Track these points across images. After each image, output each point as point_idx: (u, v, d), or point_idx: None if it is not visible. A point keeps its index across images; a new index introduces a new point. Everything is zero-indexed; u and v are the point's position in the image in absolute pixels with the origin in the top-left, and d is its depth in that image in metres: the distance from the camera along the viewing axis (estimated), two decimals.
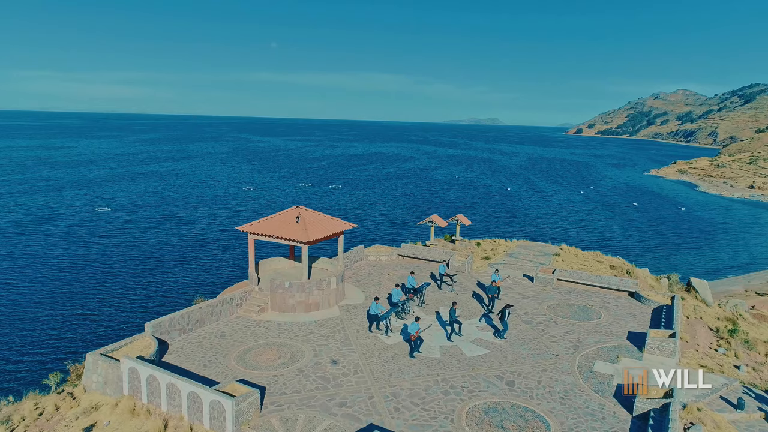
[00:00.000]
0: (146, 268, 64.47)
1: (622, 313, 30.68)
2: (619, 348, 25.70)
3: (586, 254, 53.56)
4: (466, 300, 32.44)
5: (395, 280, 35.75)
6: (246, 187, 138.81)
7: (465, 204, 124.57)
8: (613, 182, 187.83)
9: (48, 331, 45.74)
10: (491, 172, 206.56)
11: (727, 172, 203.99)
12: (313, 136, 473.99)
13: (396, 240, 75.41)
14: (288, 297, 29.07)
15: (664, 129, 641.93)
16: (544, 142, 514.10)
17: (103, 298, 53.98)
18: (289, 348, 24.85)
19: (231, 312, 28.58)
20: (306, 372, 22.50)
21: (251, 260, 30.38)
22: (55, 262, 64.99)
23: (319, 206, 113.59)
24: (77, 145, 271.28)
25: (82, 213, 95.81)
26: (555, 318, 29.69)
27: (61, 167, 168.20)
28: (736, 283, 75.26)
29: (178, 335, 25.65)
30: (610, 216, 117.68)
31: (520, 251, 49.00)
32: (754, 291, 71.22)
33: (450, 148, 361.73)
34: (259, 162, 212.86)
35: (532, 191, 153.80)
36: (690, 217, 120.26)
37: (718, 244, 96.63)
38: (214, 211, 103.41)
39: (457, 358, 24.33)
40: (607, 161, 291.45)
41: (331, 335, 26.56)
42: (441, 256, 39.80)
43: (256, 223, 29.87)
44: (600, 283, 34.40)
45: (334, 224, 30.96)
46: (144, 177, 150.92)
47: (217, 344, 25.19)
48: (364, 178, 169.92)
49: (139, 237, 79.95)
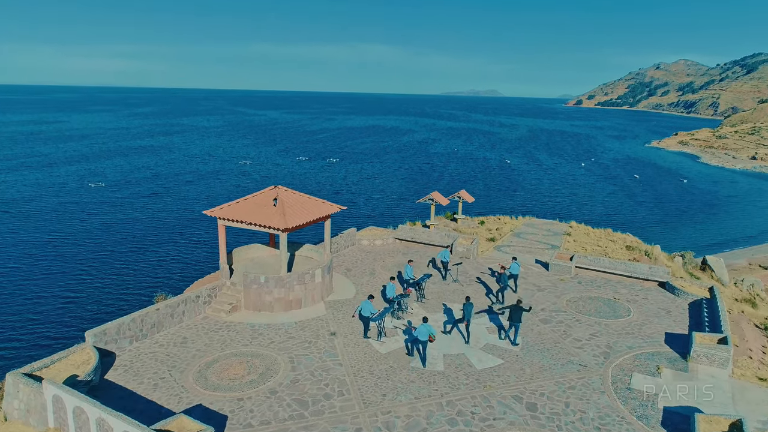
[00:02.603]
0: (117, 255, 57.96)
1: (654, 308, 26.41)
2: (658, 355, 21.47)
3: (597, 232, 49.94)
4: (473, 293, 28.12)
5: (391, 269, 31.42)
6: (241, 161, 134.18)
7: (465, 178, 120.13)
8: (614, 154, 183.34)
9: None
10: (491, 144, 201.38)
11: (729, 144, 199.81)
12: (310, 109, 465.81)
13: (393, 219, 70.96)
14: (264, 293, 24.72)
15: (665, 100, 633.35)
16: (544, 113, 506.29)
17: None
18: (261, 360, 20.56)
19: (197, 312, 24.24)
20: (280, 394, 18.25)
21: (222, 250, 25.95)
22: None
23: (315, 181, 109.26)
24: (69, 120, 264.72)
25: (61, 190, 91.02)
26: (577, 315, 25.41)
27: (52, 142, 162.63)
28: (739, 257, 73.55)
29: (128, 344, 21.34)
30: (613, 190, 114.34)
31: (527, 230, 44.97)
32: (758, 264, 69.81)
33: (449, 120, 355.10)
34: (254, 136, 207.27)
35: (533, 164, 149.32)
36: (692, 190, 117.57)
37: (721, 217, 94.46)
38: (207, 188, 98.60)
39: (464, 371, 20.09)
40: (607, 133, 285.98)
41: (313, 341, 22.26)
42: (443, 240, 35.41)
43: (226, 206, 25.36)
44: (625, 271, 30.08)
45: (319, 207, 26.45)
46: (137, 152, 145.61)
47: (175, 355, 20.90)
48: (362, 151, 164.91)
49: (118, 218, 73.98)
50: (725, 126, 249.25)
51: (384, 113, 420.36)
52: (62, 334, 38.87)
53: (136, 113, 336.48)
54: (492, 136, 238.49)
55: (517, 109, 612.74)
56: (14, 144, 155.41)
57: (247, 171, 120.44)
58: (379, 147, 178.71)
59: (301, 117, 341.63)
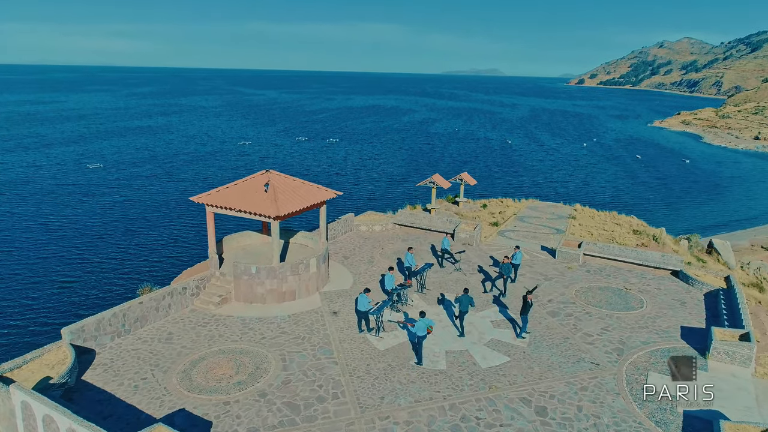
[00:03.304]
0: (103, 243, 54.09)
1: (668, 299, 25.03)
2: (675, 351, 20.10)
3: (603, 215, 48.67)
4: (476, 283, 26.73)
5: (390, 257, 30.00)
6: (240, 142, 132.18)
7: (466, 159, 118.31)
8: (617, 134, 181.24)
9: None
10: (492, 124, 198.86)
11: (732, 123, 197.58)
12: (309, 88, 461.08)
13: (393, 201, 69.48)
14: (256, 285, 23.31)
15: (668, 79, 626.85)
16: (546, 93, 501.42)
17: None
18: (251, 358, 19.22)
19: (184, 304, 22.85)
20: (270, 397, 16.92)
21: (210, 238, 24.50)
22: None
23: (315, 162, 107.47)
24: (67, 100, 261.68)
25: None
26: (587, 307, 24.04)
27: (50, 123, 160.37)
28: (741, 238, 72.84)
29: (110, 340, 20.00)
30: (615, 170, 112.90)
31: (530, 214, 43.63)
32: (760, 245, 68.82)
33: (449, 100, 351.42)
34: (253, 116, 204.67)
35: (534, 145, 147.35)
36: (695, 170, 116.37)
37: (723, 198, 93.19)
38: (205, 169, 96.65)
39: (468, 370, 18.75)
40: (609, 113, 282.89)
41: (307, 337, 20.91)
42: (444, 226, 33.94)
43: (215, 192, 23.83)
44: (636, 259, 28.66)
45: (314, 193, 24.93)
46: (135, 133, 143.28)
47: (159, 352, 19.55)
48: (362, 131, 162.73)
49: (107, 202, 70.56)
50: (728, 105, 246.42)
51: (384, 93, 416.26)
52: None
53: (135, 93, 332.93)
54: (493, 116, 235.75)
55: (518, 88, 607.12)
56: (11, 124, 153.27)
57: (246, 152, 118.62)
58: (379, 127, 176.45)
59: (300, 97, 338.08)
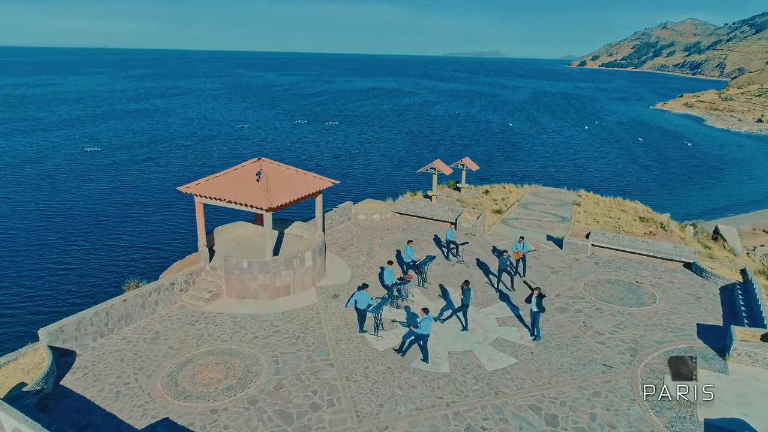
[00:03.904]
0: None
1: (681, 294, 23.81)
2: (692, 351, 18.93)
3: (607, 201, 47.62)
4: (480, 277, 25.51)
5: (390, 248, 28.76)
6: (239, 125, 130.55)
7: (466, 142, 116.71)
8: (618, 117, 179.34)
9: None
10: (493, 107, 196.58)
11: (734, 106, 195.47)
12: (309, 70, 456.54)
13: (393, 187, 68.17)
14: (248, 280, 22.10)
15: (671, 61, 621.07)
16: (547, 75, 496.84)
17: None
18: (242, 360, 18.06)
19: (172, 300, 21.66)
20: (260, 404, 15.77)
21: (200, 230, 23.22)
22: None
23: (314, 145, 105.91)
24: (64, 82, 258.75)
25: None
26: (597, 302, 22.83)
27: (47, 106, 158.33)
28: (743, 221, 72.45)
29: (92, 340, 18.83)
30: (617, 154, 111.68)
31: (533, 200, 42.48)
32: (762, 229, 68.47)
33: (450, 82, 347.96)
34: (252, 99, 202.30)
35: (535, 128, 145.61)
36: (697, 153, 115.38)
37: (726, 181, 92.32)
38: (204, 153, 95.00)
39: (473, 373, 17.59)
40: (611, 95, 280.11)
41: (301, 336, 19.74)
42: (446, 214, 32.65)
43: (203, 181, 22.50)
44: (647, 250, 27.39)
45: (308, 182, 23.60)
46: (132, 116, 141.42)
47: (144, 353, 18.39)
48: (362, 114, 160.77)
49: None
50: (732, 87, 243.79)
51: (384, 75, 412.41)
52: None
53: (132, 75, 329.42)
54: (494, 99, 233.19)
55: (519, 70, 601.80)
56: (8, 108, 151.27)
57: (245, 135, 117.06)
58: (379, 110, 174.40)
59: (300, 79, 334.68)
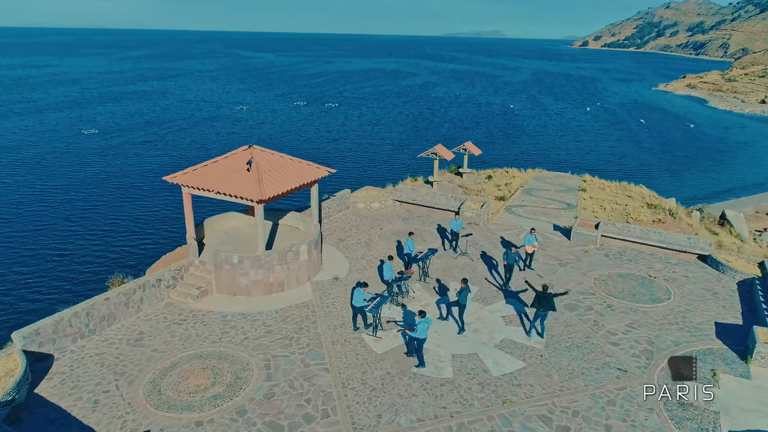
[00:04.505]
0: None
1: (697, 289, 22.58)
2: (712, 354, 17.78)
3: (613, 186, 46.66)
4: (484, 270, 24.25)
5: (389, 239, 27.48)
6: (237, 107, 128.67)
7: (467, 124, 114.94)
8: (620, 98, 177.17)
9: None
10: (494, 89, 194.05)
11: (738, 87, 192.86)
12: (308, 51, 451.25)
13: (393, 171, 66.73)
14: (239, 275, 20.85)
15: (674, 41, 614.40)
16: (549, 55, 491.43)
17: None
18: (230, 364, 16.87)
19: (159, 297, 20.44)
20: (249, 414, 14.61)
21: (188, 222, 21.90)
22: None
23: (313, 128, 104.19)
24: (60, 64, 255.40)
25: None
26: (608, 298, 21.61)
27: (42, 87, 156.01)
28: (746, 204, 71.76)
29: (71, 342, 17.63)
30: (620, 136, 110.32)
31: (537, 186, 41.29)
32: (765, 212, 67.57)
33: (450, 63, 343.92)
34: (251, 80, 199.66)
35: (537, 109, 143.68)
36: (699, 135, 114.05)
37: (728, 163, 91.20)
38: (201, 135, 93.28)
39: (478, 379, 16.41)
40: (613, 76, 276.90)
41: (295, 337, 18.54)
42: (449, 203, 31.32)
43: (191, 170, 21.15)
44: (660, 242, 26.10)
45: (303, 171, 22.23)
46: (129, 98, 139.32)
47: (126, 357, 17.20)
48: (361, 96, 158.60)
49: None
50: (735, 68, 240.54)
51: (384, 55, 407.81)
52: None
53: (129, 56, 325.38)
54: (495, 80, 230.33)
55: (520, 50, 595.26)
56: (3, 89, 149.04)
57: (244, 117, 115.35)
58: (378, 91, 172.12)
59: (298, 60, 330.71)
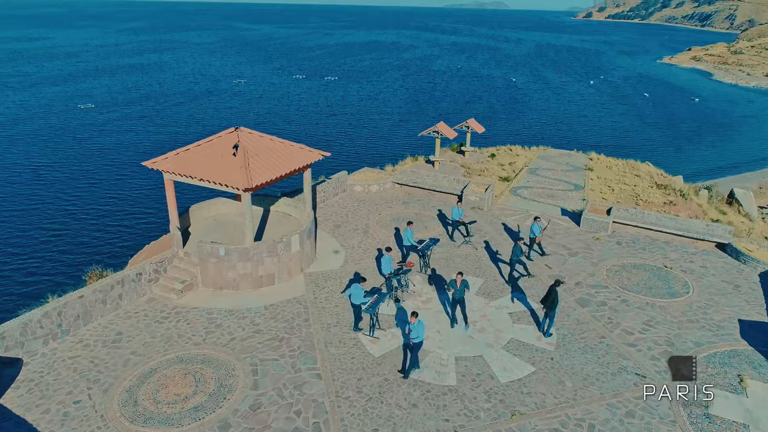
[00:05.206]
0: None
1: (717, 281, 21.12)
2: (737, 357, 16.39)
3: (620, 164, 45.13)
4: (488, 261, 22.76)
5: (389, 225, 25.96)
6: (236, 80, 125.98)
7: (469, 98, 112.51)
8: (624, 72, 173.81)
9: None
10: (496, 62, 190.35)
11: (744, 59, 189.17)
12: (306, 23, 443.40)
13: (393, 149, 64.90)
14: (226, 268, 19.39)
15: (679, 12, 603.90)
16: (552, 27, 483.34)
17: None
18: (215, 369, 15.49)
19: (140, 293, 19.01)
20: (233, 430, 13.26)
21: (171, 210, 20.35)
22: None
23: (312, 102, 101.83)
24: (55, 36, 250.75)
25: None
26: (622, 292, 20.16)
27: (37, 60, 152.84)
28: (749, 180, 70.56)
29: (42, 345, 16.25)
30: (624, 110, 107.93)
31: (543, 165, 39.76)
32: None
33: (452, 35, 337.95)
34: (249, 53, 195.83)
35: (540, 83, 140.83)
36: (704, 109, 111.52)
37: (732, 138, 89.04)
38: (199, 110, 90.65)
39: (484, 387, 15.04)
40: (617, 48, 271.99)
41: (286, 337, 17.15)
42: (451, 185, 29.72)
43: (173, 155, 19.53)
44: (676, 229, 24.57)
45: (294, 155, 20.60)
46: (125, 71, 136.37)
47: (102, 361, 15.83)
48: (361, 69, 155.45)
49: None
50: (742, 40, 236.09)
51: (384, 27, 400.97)
52: None
53: (125, 29, 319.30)
54: (497, 52, 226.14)
55: (523, 23, 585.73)
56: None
57: (242, 91, 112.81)
58: (379, 64, 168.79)
59: (297, 32, 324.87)
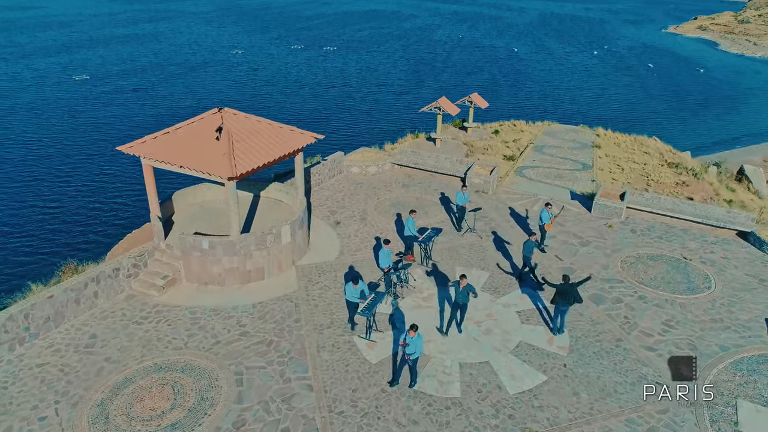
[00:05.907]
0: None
1: (740, 275, 19.64)
2: (766, 360, 15.03)
3: (628, 140, 43.51)
4: (493, 253, 21.24)
5: (388, 211, 24.38)
6: (233, 51, 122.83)
7: (470, 69, 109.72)
8: (629, 41, 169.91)
9: None
10: (497, 32, 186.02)
11: (751, 29, 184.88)
12: None
13: (393, 124, 62.87)
14: (210, 263, 17.90)
15: None
16: None
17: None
18: (195, 379, 14.11)
19: (117, 289, 17.55)
20: None
21: (151, 198, 18.74)
22: None
23: (310, 73, 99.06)
24: (48, 5, 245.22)
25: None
26: (638, 287, 18.70)
27: (29, 30, 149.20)
28: (754, 153, 69.22)
29: (8, 351, 14.83)
30: (628, 81, 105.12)
31: (548, 142, 38.15)
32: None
33: (453, 3, 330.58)
34: (246, 22, 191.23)
35: (543, 53, 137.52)
36: (709, 81, 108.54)
37: (737, 110, 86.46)
38: (196, 81, 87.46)
39: (491, 399, 13.69)
40: (622, 17, 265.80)
41: (275, 341, 15.73)
42: (454, 167, 28.04)
43: (150, 139, 17.84)
44: (695, 216, 23.00)
45: (284, 138, 18.92)
46: (120, 41, 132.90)
47: (73, 368, 14.45)
48: (361, 39, 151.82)
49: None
50: (749, 9, 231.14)
51: None
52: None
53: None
54: (499, 22, 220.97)
55: None
56: None
57: (239, 62, 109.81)
58: (378, 34, 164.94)
59: (295, 0, 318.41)
